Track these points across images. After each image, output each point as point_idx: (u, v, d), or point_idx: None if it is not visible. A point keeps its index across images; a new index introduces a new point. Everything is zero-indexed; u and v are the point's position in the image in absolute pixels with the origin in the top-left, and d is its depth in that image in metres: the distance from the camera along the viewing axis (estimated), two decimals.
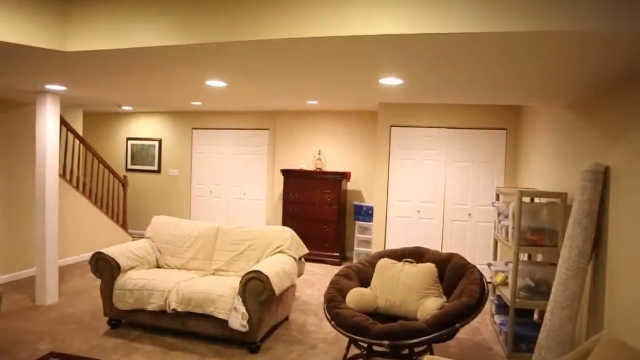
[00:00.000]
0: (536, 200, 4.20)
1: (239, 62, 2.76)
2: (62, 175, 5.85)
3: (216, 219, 7.80)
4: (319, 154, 7.09)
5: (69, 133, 6.12)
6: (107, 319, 4.10)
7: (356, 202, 6.76)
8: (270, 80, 3.37)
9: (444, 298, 3.29)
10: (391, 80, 3.19)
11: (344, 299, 3.26)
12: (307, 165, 7.13)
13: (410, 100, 4.26)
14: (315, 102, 5.45)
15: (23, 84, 3.97)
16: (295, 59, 2.63)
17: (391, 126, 5.90)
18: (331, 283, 3.41)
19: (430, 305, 3.08)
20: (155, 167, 8.20)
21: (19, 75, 3.51)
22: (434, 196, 5.80)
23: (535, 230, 3.55)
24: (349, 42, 2.18)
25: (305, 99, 4.96)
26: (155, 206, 8.22)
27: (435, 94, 3.76)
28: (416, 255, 3.68)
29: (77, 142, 6.45)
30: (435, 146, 5.79)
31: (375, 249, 6.00)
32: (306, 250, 4.30)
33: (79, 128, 6.93)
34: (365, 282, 3.57)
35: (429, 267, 3.39)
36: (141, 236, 7.86)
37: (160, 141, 8.16)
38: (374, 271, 3.57)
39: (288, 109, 6.83)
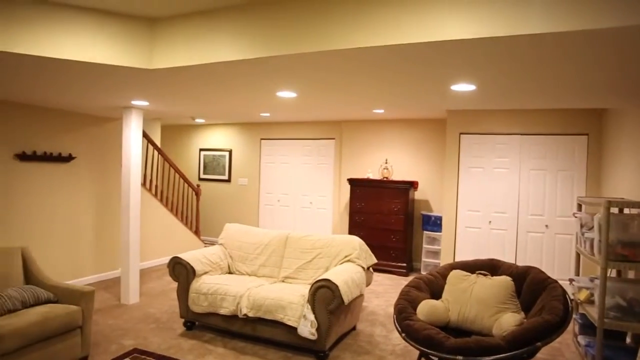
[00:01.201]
0: (626, 211, 3.86)
1: (310, 72, 2.82)
2: (143, 184, 6.28)
3: (283, 228, 7.96)
4: (386, 163, 7.02)
5: (149, 145, 6.58)
6: (182, 320, 4.32)
7: (424, 212, 6.60)
8: (339, 89, 3.40)
9: (522, 314, 3.11)
10: (463, 87, 3.10)
11: (415, 310, 3.18)
12: (373, 174, 7.09)
13: (482, 107, 4.11)
14: (381, 111, 5.42)
15: (113, 101, 4.34)
16: (367, 68, 2.64)
17: (460, 134, 5.72)
18: (401, 294, 3.35)
19: (508, 321, 2.92)
20: (225, 177, 8.56)
21: (109, 92, 3.83)
22: (506, 206, 5.52)
23: (627, 244, 3.25)
24: (424, 48, 2.15)
25: (372, 108, 4.96)
26: (226, 214, 8.56)
27: (509, 99, 3.60)
28: (490, 267, 3.52)
29: (156, 153, 6.90)
30: (508, 154, 5.52)
31: (444, 260, 5.81)
32: (375, 260, 4.25)
33: (157, 140, 7.41)
34: (436, 294, 3.47)
35: (505, 281, 3.22)
36: (212, 243, 8.24)
37: (230, 152, 8.51)
38: (445, 283, 3.46)
39: (354, 118, 6.86)
